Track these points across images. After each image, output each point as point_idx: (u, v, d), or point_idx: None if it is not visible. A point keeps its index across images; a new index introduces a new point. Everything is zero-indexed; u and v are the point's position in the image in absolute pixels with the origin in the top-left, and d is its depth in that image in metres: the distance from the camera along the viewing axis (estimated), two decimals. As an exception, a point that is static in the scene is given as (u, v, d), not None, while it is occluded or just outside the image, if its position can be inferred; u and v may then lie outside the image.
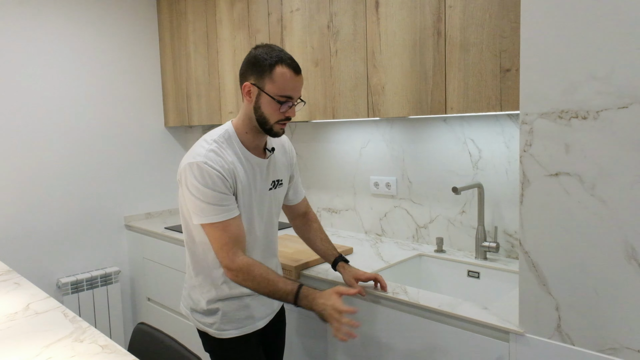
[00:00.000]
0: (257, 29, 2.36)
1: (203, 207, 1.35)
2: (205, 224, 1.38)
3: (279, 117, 1.39)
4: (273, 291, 1.37)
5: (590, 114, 1.09)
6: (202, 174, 1.34)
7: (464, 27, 1.59)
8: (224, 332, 1.49)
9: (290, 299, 1.36)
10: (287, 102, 1.38)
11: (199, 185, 1.34)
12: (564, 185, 1.14)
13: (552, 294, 1.18)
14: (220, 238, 1.37)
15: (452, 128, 1.98)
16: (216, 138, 1.42)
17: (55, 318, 1.43)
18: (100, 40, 2.84)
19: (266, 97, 1.37)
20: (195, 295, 1.52)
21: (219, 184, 1.34)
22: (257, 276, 1.36)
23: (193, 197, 1.36)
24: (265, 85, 1.36)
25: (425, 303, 1.43)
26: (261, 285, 1.37)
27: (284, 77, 1.35)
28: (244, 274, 1.37)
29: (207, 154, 1.37)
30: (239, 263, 1.37)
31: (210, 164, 1.34)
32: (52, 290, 2.69)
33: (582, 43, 1.09)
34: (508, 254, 1.86)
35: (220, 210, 1.36)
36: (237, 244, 1.38)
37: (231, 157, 1.40)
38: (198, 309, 1.52)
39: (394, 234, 2.23)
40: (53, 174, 2.68)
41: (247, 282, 1.37)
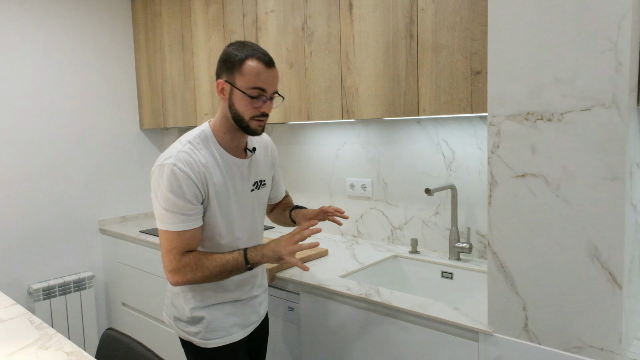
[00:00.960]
0: (232, 30, 2.34)
1: (165, 213, 1.31)
2: (161, 230, 1.34)
3: (253, 112, 1.33)
4: (223, 265, 1.33)
5: (555, 116, 1.11)
6: (170, 179, 1.29)
7: (436, 29, 1.61)
8: (209, 341, 1.44)
9: (240, 259, 1.33)
10: (260, 96, 1.33)
11: (165, 191, 1.30)
12: (530, 186, 1.15)
13: (520, 293, 1.19)
14: (171, 242, 1.32)
15: (425, 130, 1.99)
16: (191, 139, 1.37)
17: (21, 325, 1.39)
18: (74, 42, 2.79)
19: (238, 93, 1.32)
20: (179, 302, 1.47)
21: (186, 191, 1.30)
22: (205, 261, 1.32)
23: (157, 201, 1.32)
24: (237, 81, 1.32)
25: (397, 304, 1.44)
26: (211, 268, 1.32)
27: (254, 70, 1.30)
28: (191, 267, 1.31)
29: (178, 155, 1.31)
30: (185, 260, 1.32)
31: (180, 166, 1.29)
32: (22, 297, 2.63)
33: (547, 47, 1.11)
34: (481, 255, 1.88)
35: (181, 220, 1.31)
36: (187, 248, 1.34)
37: (205, 158, 1.35)
38: (182, 317, 1.46)
39: (369, 235, 2.24)
40: (25, 176, 2.62)
41: (197, 272, 1.32)
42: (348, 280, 1.67)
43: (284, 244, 1.33)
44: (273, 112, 2.18)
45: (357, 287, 1.58)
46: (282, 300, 1.79)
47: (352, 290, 1.56)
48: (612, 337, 1.06)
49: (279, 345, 1.83)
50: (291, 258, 1.31)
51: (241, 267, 1.35)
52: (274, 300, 1.82)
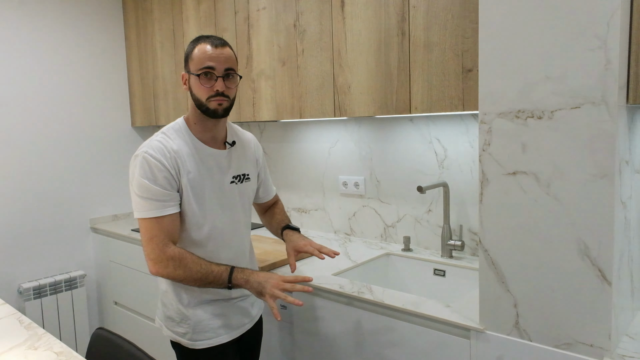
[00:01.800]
0: (224, 28, 2.33)
1: (140, 201, 1.33)
2: (139, 219, 1.35)
3: (208, 92, 1.36)
4: (205, 274, 1.32)
5: (545, 114, 1.11)
6: (143, 165, 1.33)
7: (427, 27, 1.61)
8: (197, 342, 1.43)
9: (224, 277, 1.32)
10: (209, 74, 1.36)
11: (139, 178, 1.33)
12: (521, 183, 1.16)
13: (511, 291, 1.19)
14: (151, 230, 1.33)
15: (418, 127, 1.99)
16: (164, 130, 1.43)
17: (10, 325, 1.38)
18: (64, 38, 2.76)
19: (193, 78, 1.38)
20: (167, 300, 1.46)
21: (158, 177, 1.33)
22: (190, 262, 1.32)
23: (133, 191, 1.36)
24: (190, 68, 1.39)
25: (389, 302, 1.44)
26: (193, 271, 1.31)
27: (200, 52, 1.37)
28: (174, 262, 1.31)
29: (150, 144, 1.37)
30: (170, 253, 1.32)
31: (151, 153, 1.34)
32: (13, 296, 2.60)
33: (538, 44, 1.11)
34: (473, 252, 1.88)
35: (157, 206, 1.33)
36: (169, 237, 1.34)
37: (178, 146, 1.38)
38: (170, 315, 1.45)
39: (362, 233, 2.24)
40: (15, 175, 2.59)
41: (178, 270, 1.31)
42: (340, 279, 1.67)
43: (272, 284, 1.31)
44: (265, 110, 2.17)
45: (349, 285, 1.58)
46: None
47: (345, 289, 1.56)
48: (602, 334, 1.07)
49: (272, 344, 1.83)
50: (270, 301, 1.29)
51: (222, 283, 1.33)
52: (266, 299, 1.81)
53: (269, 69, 2.14)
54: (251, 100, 2.24)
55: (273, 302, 1.28)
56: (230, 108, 1.43)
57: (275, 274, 1.36)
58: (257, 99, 2.21)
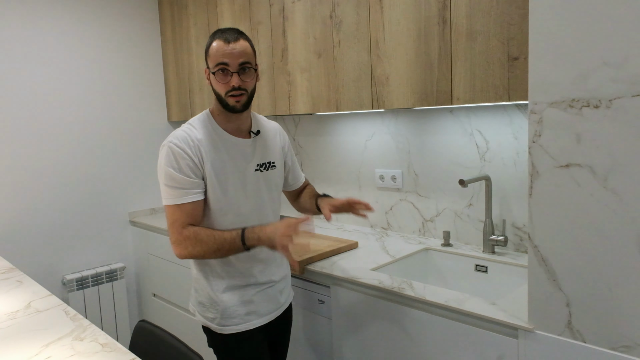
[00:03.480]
0: (258, 21, 2.32)
1: (165, 189, 1.39)
2: (165, 205, 1.41)
3: (226, 88, 1.40)
4: (221, 243, 1.35)
5: (602, 103, 1.05)
6: (168, 154, 1.39)
7: (470, 14, 1.55)
8: (224, 327, 1.48)
9: (237, 241, 1.35)
10: (225, 70, 1.39)
11: (164, 167, 1.39)
12: (575, 177, 1.10)
13: (563, 289, 1.14)
14: (173, 215, 1.39)
15: (458, 119, 1.93)
16: (190, 121, 1.49)
17: (56, 316, 1.41)
18: (102, 36, 2.81)
19: (211, 74, 1.43)
20: (199, 286, 1.53)
21: (182, 165, 1.38)
22: (204, 237, 1.36)
23: (159, 178, 1.42)
24: (209, 64, 1.43)
25: (431, 298, 1.40)
26: (209, 244, 1.35)
27: (214, 49, 1.40)
28: (191, 240, 1.36)
29: (175, 134, 1.43)
30: (185, 233, 1.37)
31: (175, 142, 1.39)
32: (57, 287, 2.69)
33: (594, 29, 1.04)
34: (517, 248, 1.82)
35: (180, 193, 1.38)
36: (190, 221, 1.39)
37: (202, 135, 1.43)
38: (201, 301, 1.52)
39: (400, 227, 2.20)
40: (57, 170, 2.67)
41: (197, 247, 1.36)
42: (379, 274, 1.64)
43: (280, 234, 1.30)
44: (301, 103, 2.15)
45: (389, 281, 1.55)
46: (312, 293, 1.77)
47: (384, 284, 1.53)
48: (665, 336, 1.00)
49: (309, 338, 1.82)
50: (284, 251, 1.29)
51: (238, 247, 1.36)
52: (304, 293, 1.80)
53: (304, 62, 2.11)
54: (287, 94, 2.22)
55: (286, 252, 1.29)
56: (249, 101, 1.45)
57: (283, 220, 1.35)
58: (292, 92, 2.19)
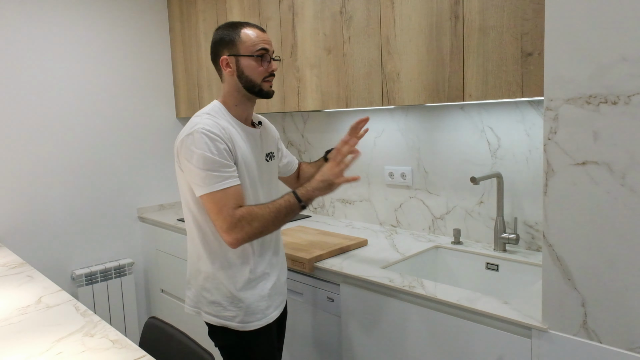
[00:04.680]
0: (268, 17, 2.30)
1: (205, 175, 1.32)
2: (205, 195, 1.33)
3: (264, 73, 1.43)
4: (277, 210, 1.34)
5: (620, 99, 1.03)
6: (203, 140, 1.33)
7: (483, 9, 1.52)
8: (248, 324, 1.45)
9: (292, 200, 1.36)
10: (265, 55, 1.42)
11: (201, 153, 1.32)
12: (592, 174, 1.08)
13: (578, 289, 1.12)
14: (219, 201, 1.32)
15: (469, 116, 1.91)
16: (207, 111, 1.44)
17: (67, 312, 1.41)
18: (111, 32, 2.81)
19: (245, 59, 1.41)
20: (212, 285, 1.45)
21: (220, 149, 1.34)
22: (258, 211, 1.34)
23: (194, 167, 1.33)
24: (240, 49, 1.41)
25: (442, 297, 1.39)
26: (266, 216, 1.33)
27: (252, 35, 1.41)
28: (247, 219, 1.32)
29: (203, 121, 1.37)
30: (238, 214, 1.32)
31: (207, 128, 1.34)
32: (66, 282, 2.70)
33: (612, 23, 1.02)
34: (528, 246, 1.79)
35: (223, 177, 1.33)
36: (239, 203, 1.34)
37: (226, 124, 1.41)
38: (215, 301, 1.44)
39: (409, 225, 2.18)
40: (66, 166, 2.68)
41: (254, 223, 1.32)
42: (389, 272, 1.62)
43: (329, 169, 1.37)
44: (310, 100, 2.14)
45: (399, 279, 1.54)
46: (321, 291, 1.77)
47: (395, 282, 1.51)
48: (683, 338, 0.98)
49: (318, 336, 1.81)
50: (341, 179, 1.36)
51: (295, 207, 1.36)
52: (313, 291, 1.80)
53: (314, 58, 2.10)
54: (296, 90, 2.21)
55: (344, 178, 1.36)
56: None
57: (324, 166, 1.39)
58: (302, 89, 2.18)
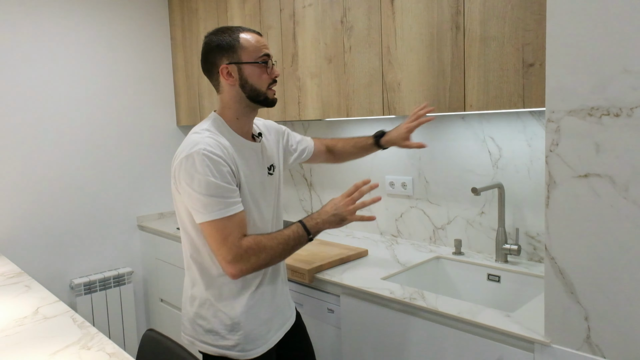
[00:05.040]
0: (269, 25, 2.30)
1: (208, 201, 1.23)
2: (207, 222, 1.24)
3: (268, 80, 1.36)
4: (285, 242, 1.30)
5: (623, 111, 1.02)
6: (204, 163, 1.23)
7: (484, 20, 1.52)
8: (249, 352, 1.36)
9: (301, 232, 1.32)
10: (268, 62, 1.35)
11: (203, 177, 1.22)
12: (594, 187, 1.07)
13: (581, 302, 1.11)
14: (224, 230, 1.23)
15: (470, 126, 1.91)
16: (207, 127, 1.34)
17: (64, 323, 1.40)
18: (112, 39, 2.82)
19: (248, 67, 1.33)
20: (209, 313, 1.37)
21: (223, 172, 1.25)
22: (266, 242, 1.28)
23: (195, 192, 1.24)
24: (242, 56, 1.32)
25: (444, 309, 1.37)
26: (274, 247, 1.28)
27: (252, 40, 1.33)
28: (254, 250, 1.25)
29: (204, 140, 1.26)
30: (245, 244, 1.25)
31: (209, 150, 1.24)
32: (65, 291, 2.69)
33: (614, 35, 1.01)
34: (530, 257, 1.78)
35: (228, 204, 1.24)
36: (244, 232, 1.28)
37: (225, 141, 1.32)
38: (212, 329, 1.36)
39: (410, 235, 2.17)
40: (65, 174, 2.67)
41: (261, 255, 1.26)
42: (390, 283, 1.61)
43: (344, 205, 1.35)
44: (311, 109, 2.14)
45: (400, 291, 1.52)
46: (321, 302, 1.75)
47: (395, 294, 1.50)
48: (689, 354, 0.97)
49: (318, 348, 1.79)
50: (355, 217, 1.35)
51: (303, 239, 1.33)
52: (313, 302, 1.78)
53: (314, 67, 2.10)
54: (296, 99, 2.21)
55: (357, 216, 1.35)
56: None
57: (334, 199, 1.38)
58: (302, 98, 2.18)
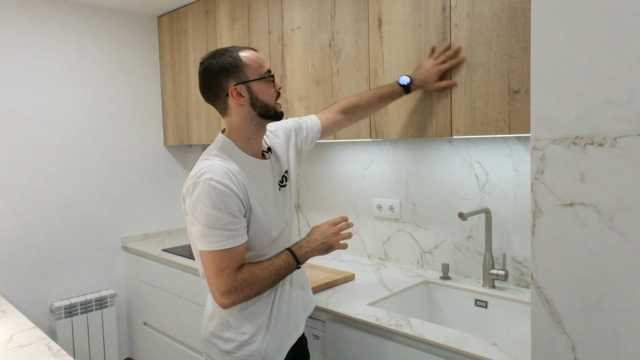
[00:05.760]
0: (257, 47, 2.31)
1: (208, 232, 1.22)
2: (205, 251, 1.24)
3: (275, 94, 1.37)
4: (277, 272, 1.31)
5: (607, 141, 1.02)
6: (210, 194, 1.21)
7: (471, 46, 1.53)
8: None
9: (291, 261, 1.34)
10: (272, 77, 1.36)
11: (206, 209, 1.21)
12: (580, 216, 1.06)
13: (568, 332, 1.09)
14: (221, 261, 1.24)
15: (457, 150, 1.91)
16: (216, 152, 1.31)
17: (39, 352, 1.35)
18: (100, 58, 2.80)
19: (257, 84, 1.32)
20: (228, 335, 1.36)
21: (229, 205, 1.22)
22: (259, 272, 1.28)
23: (196, 220, 1.24)
24: (248, 75, 1.31)
25: (430, 337, 1.35)
26: (267, 278, 1.29)
27: (253, 57, 1.33)
28: (248, 282, 1.26)
29: (213, 169, 1.24)
30: (240, 277, 1.25)
31: (218, 179, 1.22)
32: (45, 315, 2.61)
33: (598, 65, 1.02)
34: (517, 282, 1.77)
35: (228, 236, 1.23)
36: (238, 265, 1.27)
37: (236, 166, 1.29)
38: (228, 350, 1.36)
39: (397, 258, 2.15)
40: (49, 193, 2.62)
41: (255, 286, 1.27)
42: (376, 309, 1.58)
43: (332, 234, 1.40)
44: (298, 131, 2.13)
45: (386, 317, 1.50)
46: (307, 328, 1.71)
47: (381, 321, 1.47)
48: (676, 387, 0.95)
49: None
50: (340, 245, 1.41)
51: (293, 268, 1.35)
52: (298, 327, 1.74)
53: (302, 89, 2.10)
54: (284, 121, 2.20)
55: (344, 246, 1.41)
56: None
57: (321, 225, 1.43)
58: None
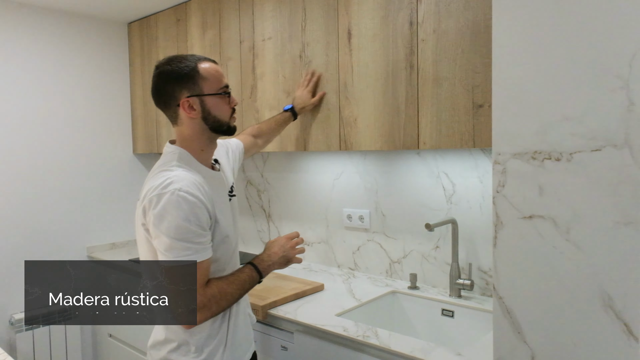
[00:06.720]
0: (228, 57, 2.31)
1: (176, 245, 1.15)
2: (173, 266, 1.16)
3: (230, 110, 1.34)
4: (242, 286, 1.30)
5: (563, 156, 1.06)
6: (180, 205, 1.15)
7: (437, 61, 1.57)
8: None
9: (254, 275, 1.34)
10: (228, 91, 1.33)
11: (176, 220, 1.15)
12: (539, 228, 1.09)
13: (528, 342, 1.12)
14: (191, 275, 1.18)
15: (425, 161, 1.94)
16: (176, 163, 1.25)
17: (-5, 368, 1.30)
18: (69, 63, 2.74)
19: (211, 98, 1.28)
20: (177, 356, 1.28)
21: (200, 216, 1.18)
22: (226, 287, 1.26)
23: (162, 234, 1.16)
24: (203, 88, 1.26)
25: (396, 348, 1.36)
26: (234, 293, 1.27)
27: (212, 70, 1.29)
28: (216, 298, 1.22)
29: (179, 179, 1.18)
30: (209, 292, 1.21)
31: (187, 190, 1.17)
32: (4, 327, 2.52)
33: (556, 83, 1.06)
34: (483, 292, 1.80)
35: (193, 250, 1.17)
36: (208, 277, 1.23)
37: (199, 177, 1.25)
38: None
39: (367, 268, 2.16)
40: (11, 200, 2.54)
41: (222, 302, 1.23)
42: (344, 320, 1.59)
43: (290, 248, 1.43)
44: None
45: (354, 328, 1.51)
46: (275, 339, 1.71)
47: (349, 332, 1.48)
48: (629, 394, 0.99)
49: (271, 387, 1.74)
50: (297, 259, 1.44)
51: (255, 282, 1.35)
52: (267, 339, 1.73)
53: (273, 100, 2.10)
54: (255, 130, 2.19)
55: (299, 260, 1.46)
56: None
57: (278, 240, 1.44)
58: (260, 129, 2.17)
